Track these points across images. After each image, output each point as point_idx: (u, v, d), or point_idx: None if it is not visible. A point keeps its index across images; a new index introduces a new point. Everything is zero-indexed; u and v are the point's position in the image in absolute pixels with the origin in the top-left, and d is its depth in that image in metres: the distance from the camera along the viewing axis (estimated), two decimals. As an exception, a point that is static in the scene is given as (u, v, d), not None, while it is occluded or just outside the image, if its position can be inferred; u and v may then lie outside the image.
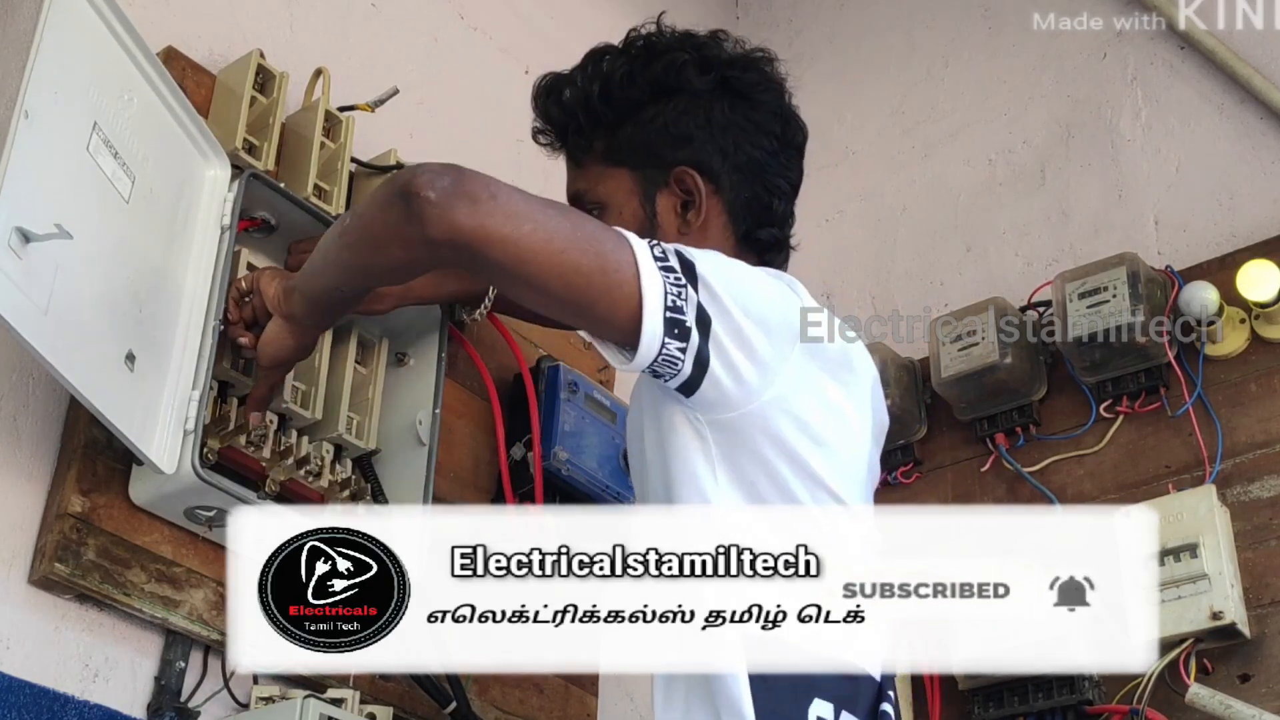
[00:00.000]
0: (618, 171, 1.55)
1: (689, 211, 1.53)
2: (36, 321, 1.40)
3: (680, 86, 1.56)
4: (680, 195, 1.53)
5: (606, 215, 1.54)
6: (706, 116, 1.55)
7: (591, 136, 1.57)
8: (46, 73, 1.44)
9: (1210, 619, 1.98)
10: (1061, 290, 2.27)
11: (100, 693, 1.64)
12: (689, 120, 1.55)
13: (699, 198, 1.53)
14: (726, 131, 1.55)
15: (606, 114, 1.56)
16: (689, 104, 1.55)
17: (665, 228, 1.53)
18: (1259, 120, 2.40)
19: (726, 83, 1.57)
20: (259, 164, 1.84)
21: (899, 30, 2.96)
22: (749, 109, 1.57)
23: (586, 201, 1.57)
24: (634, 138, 1.55)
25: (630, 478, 1.56)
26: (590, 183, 1.58)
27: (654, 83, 1.56)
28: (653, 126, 1.54)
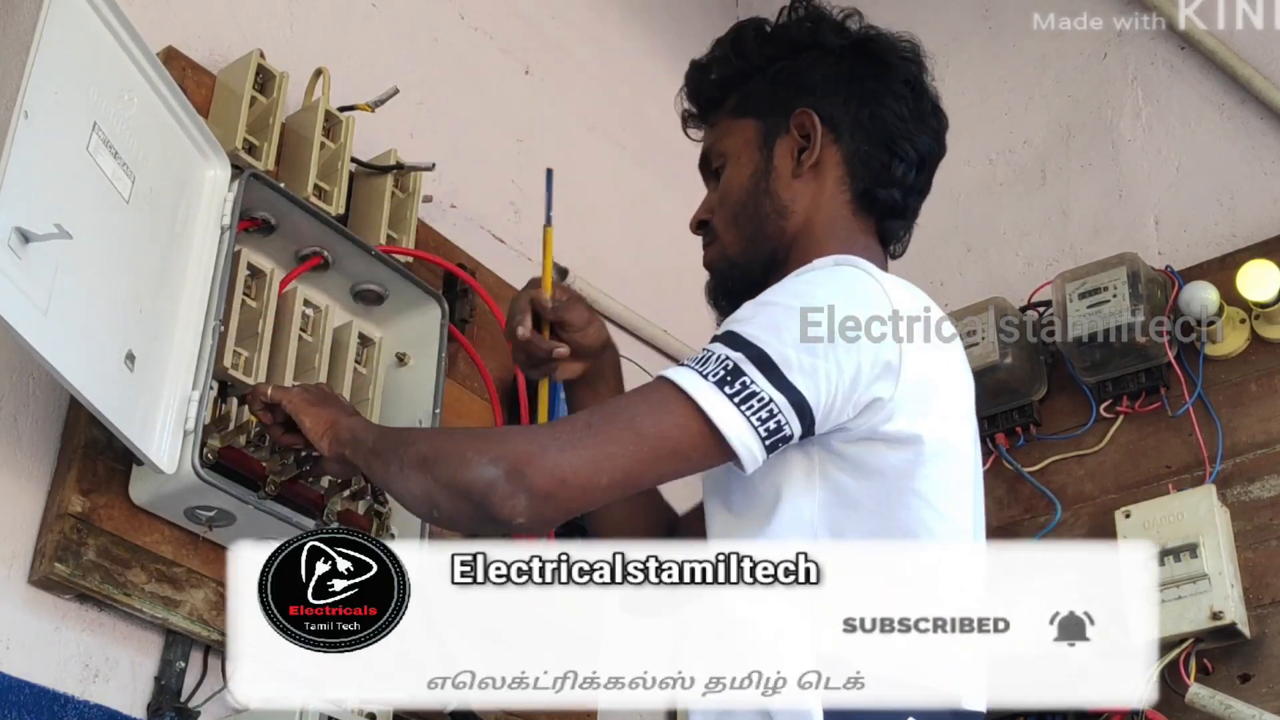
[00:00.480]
0: (745, 123, 1.57)
1: (804, 154, 1.53)
2: (36, 321, 1.40)
3: (815, 43, 1.58)
4: (798, 140, 1.54)
5: (728, 166, 1.56)
6: (835, 71, 1.56)
7: (725, 91, 1.59)
8: (46, 73, 1.44)
9: (1210, 619, 1.99)
10: (1061, 290, 2.27)
11: (100, 693, 1.64)
12: (816, 71, 1.56)
13: (815, 139, 1.52)
14: (852, 85, 1.56)
15: (741, 65, 1.58)
16: (819, 58, 1.57)
17: (780, 171, 1.53)
18: (1259, 120, 2.40)
19: (863, 45, 1.60)
20: (259, 164, 1.84)
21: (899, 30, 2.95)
22: (882, 71, 1.59)
23: (713, 156, 1.60)
24: (762, 88, 1.57)
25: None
26: (717, 136, 1.59)
27: (790, 40, 1.58)
28: (782, 77, 1.56)
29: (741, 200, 1.54)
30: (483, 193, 2.38)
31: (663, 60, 2.96)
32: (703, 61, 1.63)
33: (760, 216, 1.51)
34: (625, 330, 2.55)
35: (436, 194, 2.19)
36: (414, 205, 2.02)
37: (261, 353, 1.77)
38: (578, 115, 2.69)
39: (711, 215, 1.58)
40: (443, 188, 2.23)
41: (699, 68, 1.63)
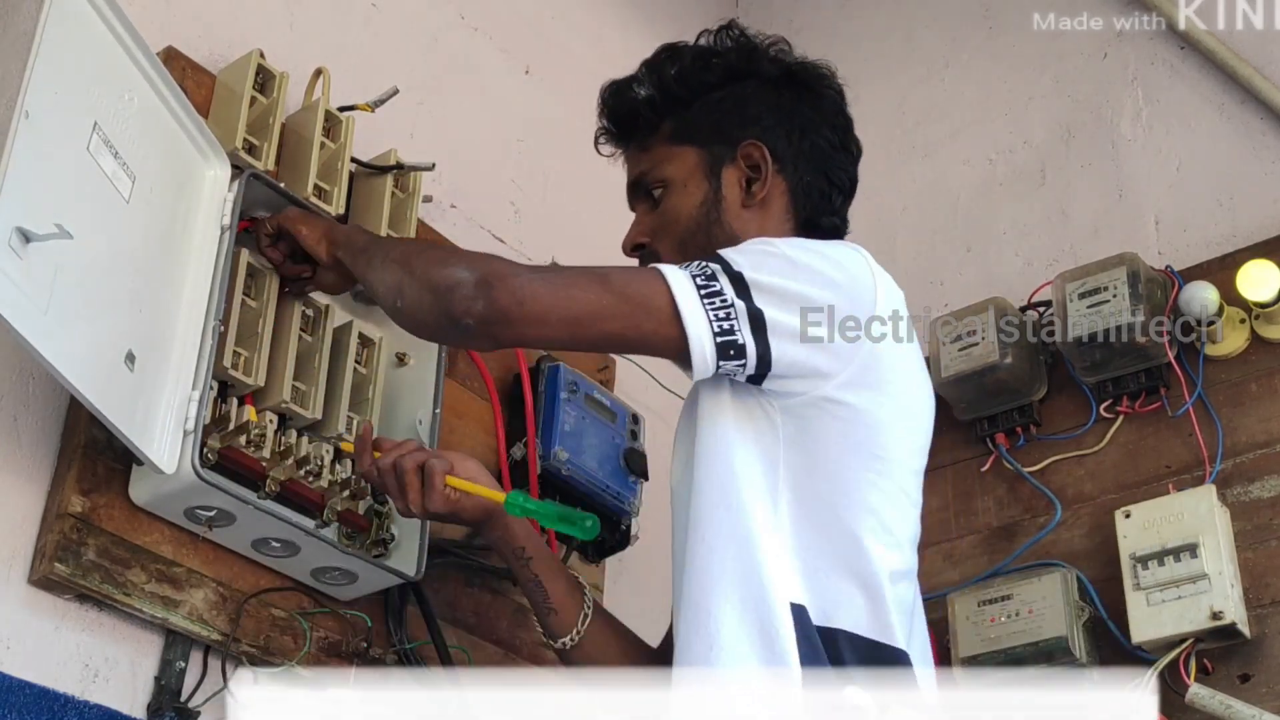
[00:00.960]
0: (684, 150, 1.61)
1: (753, 185, 1.58)
2: (36, 321, 1.40)
3: (751, 72, 1.63)
4: (745, 170, 1.59)
5: (670, 192, 1.60)
6: (775, 101, 1.61)
7: (662, 116, 1.62)
8: (47, 73, 1.44)
9: (1210, 619, 1.99)
10: (1061, 290, 2.27)
11: (100, 693, 1.64)
12: (758, 102, 1.61)
13: (765, 171, 1.58)
14: (793, 117, 1.61)
15: (679, 93, 1.62)
16: (758, 88, 1.62)
17: (729, 200, 1.58)
18: (1259, 120, 2.40)
19: (794, 75, 1.64)
20: (259, 164, 1.84)
21: (899, 30, 2.96)
22: (815, 101, 1.63)
23: (649, 181, 1.62)
24: (704, 116, 1.61)
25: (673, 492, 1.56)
26: (655, 163, 1.63)
27: (727, 67, 1.63)
28: (723, 106, 1.60)
29: (690, 229, 1.58)
30: (483, 193, 2.38)
31: (663, 60, 2.97)
32: (630, 82, 1.66)
33: (712, 244, 1.52)
34: (625, 330, 2.55)
35: (436, 194, 2.19)
36: (414, 205, 2.02)
37: (261, 353, 1.77)
38: (578, 115, 2.69)
39: (648, 239, 1.61)
40: (443, 188, 2.23)
41: (626, 87, 1.66)
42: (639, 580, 2.35)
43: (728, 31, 1.66)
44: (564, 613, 1.70)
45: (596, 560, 2.23)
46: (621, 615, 2.23)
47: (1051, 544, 2.23)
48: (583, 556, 2.21)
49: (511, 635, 2.06)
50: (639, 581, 2.36)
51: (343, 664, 1.81)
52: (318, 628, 1.80)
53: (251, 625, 1.74)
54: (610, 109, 1.68)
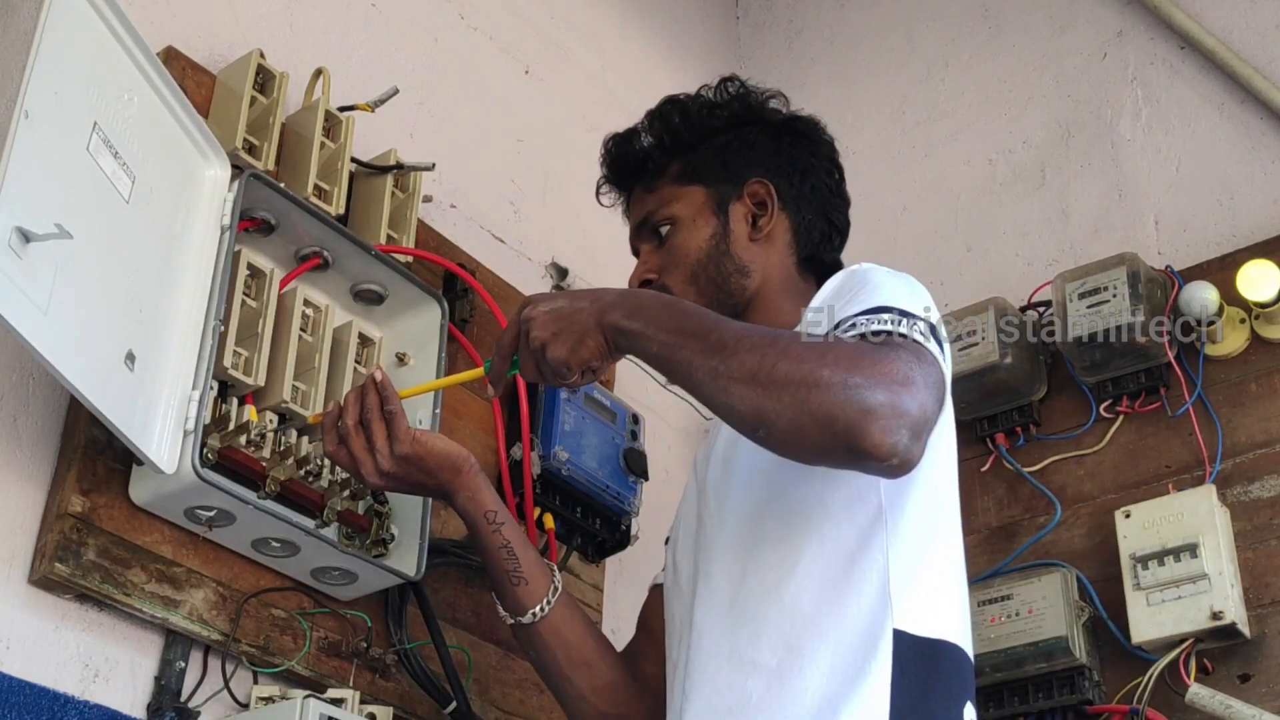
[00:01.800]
0: (691, 189, 1.67)
1: (760, 220, 1.65)
2: (37, 321, 1.40)
3: (754, 119, 1.71)
4: (752, 207, 1.66)
5: (678, 229, 1.66)
6: (777, 146, 1.69)
7: (670, 158, 1.69)
8: (47, 72, 1.44)
9: (1210, 619, 1.99)
10: (1061, 290, 2.27)
11: (100, 693, 1.64)
12: (762, 146, 1.69)
13: (771, 207, 1.65)
14: (794, 161, 1.69)
15: (686, 136, 1.69)
16: (761, 133, 1.70)
17: (737, 234, 1.64)
18: (1259, 120, 2.40)
19: (793, 124, 1.73)
20: (259, 164, 1.84)
21: (899, 30, 2.96)
22: (812, 148, 1.72)
23: (656, 220, 1.68)
24: (710, 157, 1.68)
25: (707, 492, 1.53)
26: (662, 202, 1.68)
27: (731, 114, 1.71)
28: (729, 148, 1.68)
29: (701, 260, 1.64)
30: (483, 193, 2.38)
31: (663, 60, 2.97)
32: (634, 132, 1.73)
33: (722, 275, 1.62)
34: (625, 330, 2.55)
35: (436, 194, 2.19)
36: (414, 205, 2.02)
37: (261, 353, 1.77)
38: (578, 115, 2.69)
39: (656, 275, 1.66)
40: (443, 188, 2.23)
41: (632, 136, 1.73)
42: (639, 580, 2.35)
43: (729, 84, 1.73)
44: (534, 583, 1.67)
45: (596, 560, 2.24)
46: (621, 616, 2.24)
47: (1051, 544, 2.23)
48: (583, 556, 2.21)
49: (511, 635, 2.06)
50: (639, 581, 2.36)
51: (343, 664, 1.81)
52: (318, 628, 1.80)
53: (251, 625, 1.74)
54: (616, 156, 1.74)
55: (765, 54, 3.14)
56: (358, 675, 1.82)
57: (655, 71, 2.94)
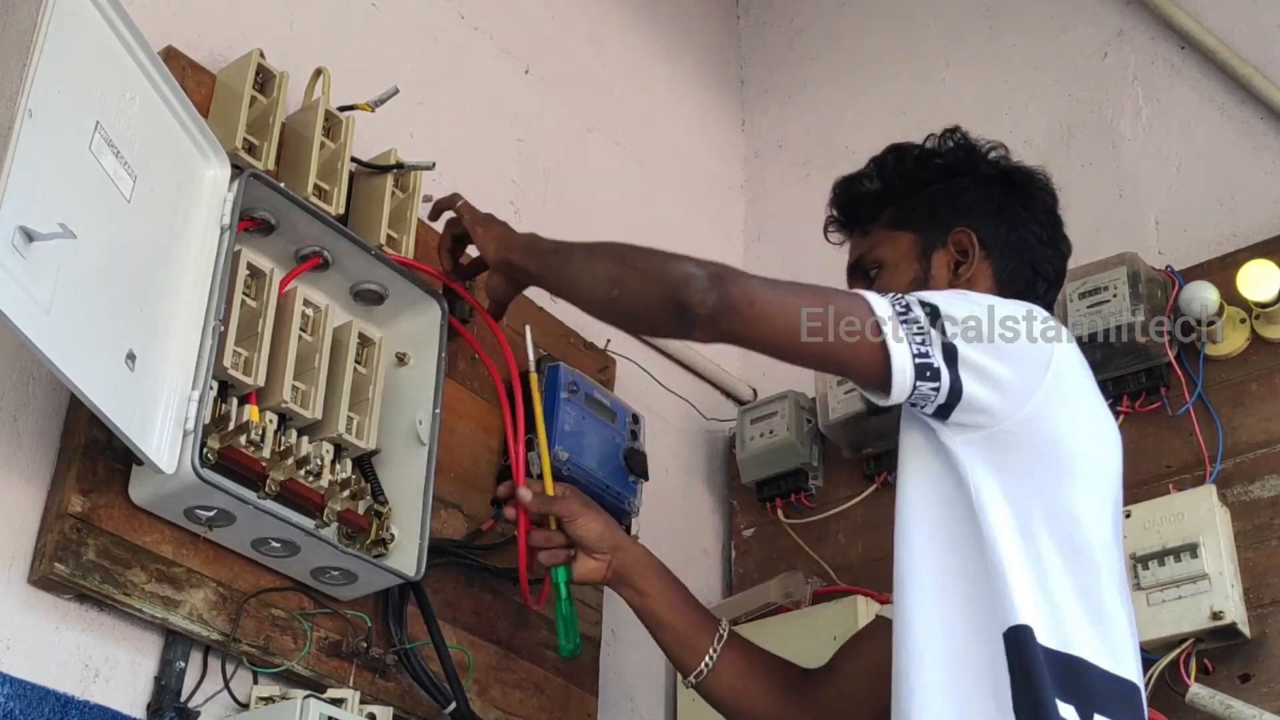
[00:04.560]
0: (900, 234, 1.75)
1: (960, 267, 1.71)
2: (39, 320, 1.40)
3: (969, 170, 1.79)
4: (955, 255, 1.73)
5: (884, 272, 1.75)
6: (986, 195, 1.77)
7: (882, 204, 1.78)
8: (49, 72, 1.44)
9: (1210, 619, 1.98)
10: (1062, 290, 2.26)
11: (100, 693, 1.64)
12: (970, 196, 1.76)
13: (973, 255, 1.72)
14: (1002, 211, 1.76)
15: (898, 184, 1.79)
16: (972, 184, 1.78)
17: (938, 280, 1.71)
18: (1259, 120, 2.40)
19: (1009, 175, 1.80)
20: (259, 164, 1.84)
21: (899, 30, 2.96)
22: (1024, 199, 1.79)
23: (866, 262, 1.78)
24: (920, 205, 1.76)
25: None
26: (872, 245, 1.78)
27: (946, 165, 1.79)
28: (938, 197, 1.76)
29: None
30: (483, 193, 2.38)
31: (663, 60, 2.97)
32: (860, 177, 1.83)
33: None
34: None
35: (436, 194, 2.18)
36: (414, 205, 2.02)
37: (261, 353, 1.77)
38: (578, 115, 2.69)
39: None
40: (443, 188, 2.22)
41: (854, 180, 1.83)
42: (639, 580, 2.35)
43: (951, 134, 1.81)
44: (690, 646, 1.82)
45: (596, 560, 2.23)
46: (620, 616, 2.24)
47: (1051, 544, 2.22)
48: (583, 556, 2.21)
49: (511, 635, 2.06)
50: (639, 581, 2.36)
51: (343, 664, 1.81)
52: (318, 628, 1.80)
53: (251, 625, 1.74)
54: (839, 199, 1.84)
55: (765, 54, 3.14)
56: (358, 675, 1.82)
57: (655, 71, 2.94)
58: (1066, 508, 1.52)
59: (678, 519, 2.54)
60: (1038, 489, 1.52)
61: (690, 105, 3.00)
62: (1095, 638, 1.49)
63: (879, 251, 1.76)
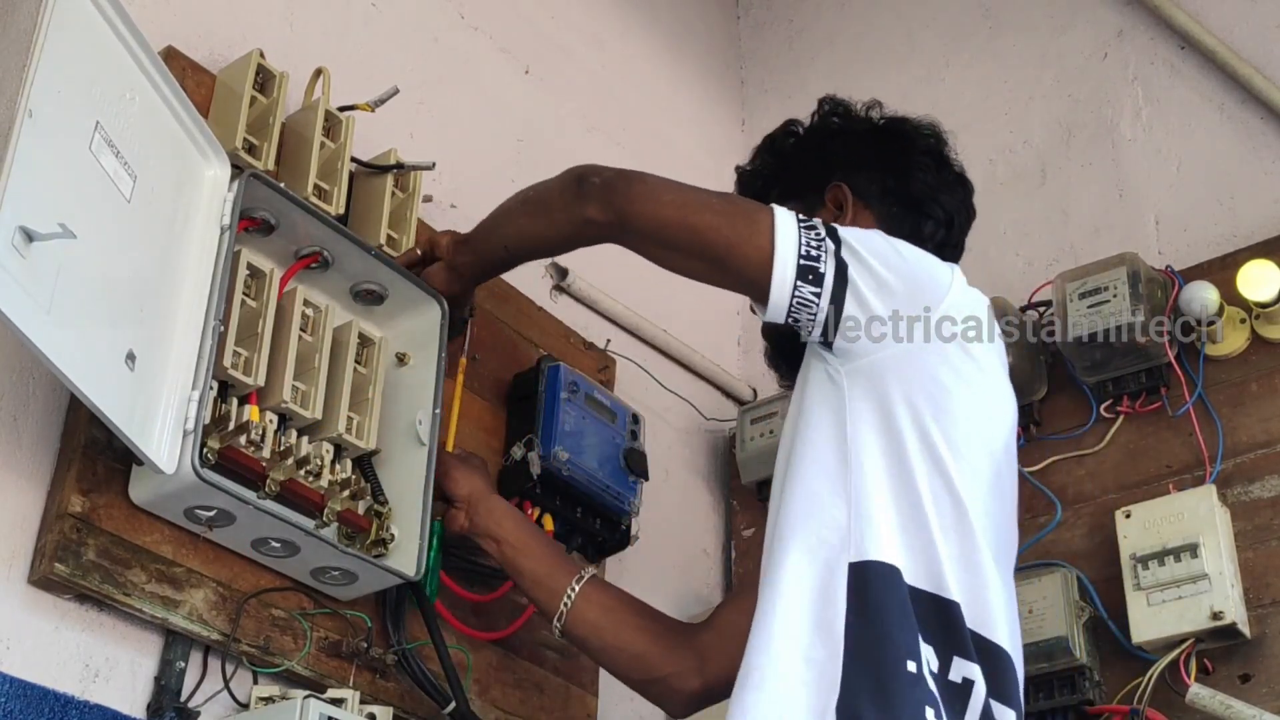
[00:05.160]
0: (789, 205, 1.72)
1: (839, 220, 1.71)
2: (39, 320, 1.40)
3: (840, 130, 1.83)
4: (833, 210, 1.75)
5: None
6: (859, 148, 1.79)
7: (769, 187, 1.80)
8: (49, 72, 1.44)
9: (1210, 619, 1.98)
10: (1062, 290, 2.27)
11: (100, 693, 1.64)
12: (842, 152, 1.79)
13: (846, 207, 1.74)
14: (880, 159, 1.77)
15: (772, 163, 1.84)
16: (844, 141, 1.81)
17: None
18: (1259, 120, 2.40)
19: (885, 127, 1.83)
20: (259, 164, 1.84)
21: (899, 30, 2.96)
22: (905, 145, 1.80)
23: None
24: (797, 173, 1.80)
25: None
26: None
27: (819, 129, 1.84)
28: (807, 160, 1.80)
29: None
30: (483, 193, 2.37)
31: (663, 60, 2.97)
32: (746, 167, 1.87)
33: None
34: (625, 330, 2.55)
35: (436, 194, 2.19)
36: (414, 205, 2.02)
37: (261, 353, 1.77)
38: (578, 115, 2.69)
39: None
40: (443, 188, 2.23)
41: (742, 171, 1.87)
42: (639, 580, 2.35)
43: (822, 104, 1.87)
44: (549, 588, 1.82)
45: (596, 560, 2.23)
46: (621, 615, 2.23)
47: (1051, 544, 2.23)
48: (583, 556, 2.21)
49: (511, 635, 2.06)
50: (639, 581, 2.36)
51: (343, 664, 1.81)
52: (318, 628, 1.80)
53: (251, 625, 1.74)
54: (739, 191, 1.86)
55: (765, 54, 3.14)
56: (358, 675, 1.82)
57: (655, 71, 2.94)
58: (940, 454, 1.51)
59: (678, 519, 2.54)
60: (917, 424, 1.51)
61: (690, 105, 2.99)
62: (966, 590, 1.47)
63: None
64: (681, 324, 2.65)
